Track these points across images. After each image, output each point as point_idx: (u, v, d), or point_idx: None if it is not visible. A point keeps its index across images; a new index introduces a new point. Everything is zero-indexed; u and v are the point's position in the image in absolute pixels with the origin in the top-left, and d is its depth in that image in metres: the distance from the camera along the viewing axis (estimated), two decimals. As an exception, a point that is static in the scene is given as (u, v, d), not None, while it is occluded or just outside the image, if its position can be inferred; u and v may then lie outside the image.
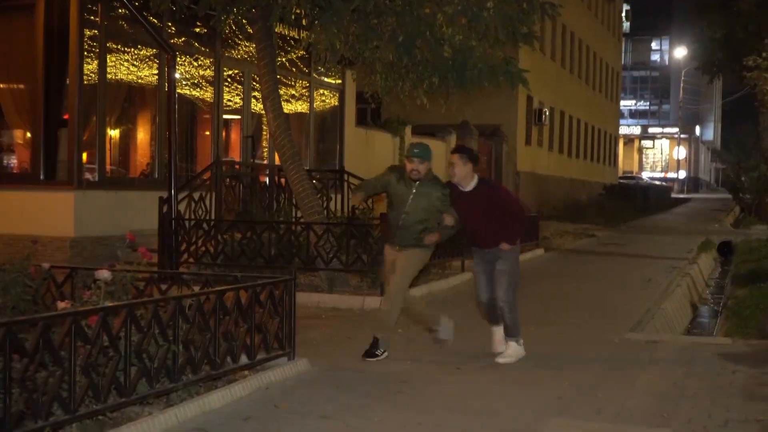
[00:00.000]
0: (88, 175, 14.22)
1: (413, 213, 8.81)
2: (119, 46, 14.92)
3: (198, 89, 16.91)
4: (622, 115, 75.68)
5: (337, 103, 21.70)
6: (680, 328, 14.32)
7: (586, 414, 7.03)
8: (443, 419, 6.81)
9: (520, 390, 7.82)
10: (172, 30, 15.78)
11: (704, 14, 41.11)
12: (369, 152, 22.92)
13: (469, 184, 9.04)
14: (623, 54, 69.60)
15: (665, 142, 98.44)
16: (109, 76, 14.57)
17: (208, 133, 17.44)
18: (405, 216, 8.83)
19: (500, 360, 8.91)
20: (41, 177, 14.14)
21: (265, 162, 18.63)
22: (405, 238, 8.88)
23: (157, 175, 15.57)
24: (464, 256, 16.12)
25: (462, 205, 8.99)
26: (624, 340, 10.37)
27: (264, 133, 18.58)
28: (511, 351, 9.00)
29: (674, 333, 13.15)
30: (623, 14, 62.48)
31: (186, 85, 16.53)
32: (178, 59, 15.45)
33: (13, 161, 15.38)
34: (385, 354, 8.90)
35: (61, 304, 6.62)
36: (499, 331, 9.26)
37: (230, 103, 17.74)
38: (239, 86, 17.94)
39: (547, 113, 37.15)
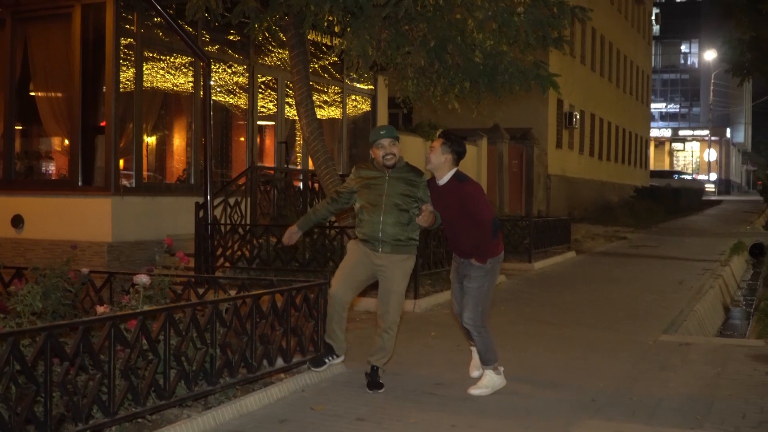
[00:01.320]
0: (125, 181, 14.37)
1: (393, 204, 7.63)
2: (155, 54, 15.08)
3: (232, 96, 17.06)
4: (652, 118, 75.30)
5: (369, 109, 21.79)
6: (712, 330, 14.30)
7: (620, 415, 7.06)
8: (477, 421, 6.86)
9: (553, 392, 7.86)
10: (206, 38, 15.94)
11: (732, 16, 40.87)
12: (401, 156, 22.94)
13: (443, 178, 7.81)
14: (653, 57, 69.22)
15: (696, 145, 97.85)
16: (145, 84, 14.72)
17: (242, 139, 17.57)
18: (385, 209, 7.63)
19: (473, 391, 7.67)
20: (79, 183, 14.30)
21: (299, 167, 18.74)
22: (388, 238, 7.64)
23: (192, 181, 15.72)
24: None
25: (433, 203, 7.76)
26: (657, 342, 10.39)
27: (297, 138, 18.70)
28: (486, 381, 7.79)
29: (707, 335, 13.15)
30: (652, 17, 62.17)
31: (221, 92, 16.68)
32: (213, 66, 15.59)
33: (51, 168, 15.58)
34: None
35: (100, 309, 6.70)
36: (476, 353, 8.19)
37: (264, 110, 17.86)
38: (273, 93, 18.07)
39: (578, 116, 37.04)
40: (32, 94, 15.31)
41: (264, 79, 17.80)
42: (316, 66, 18.97)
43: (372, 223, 7.66)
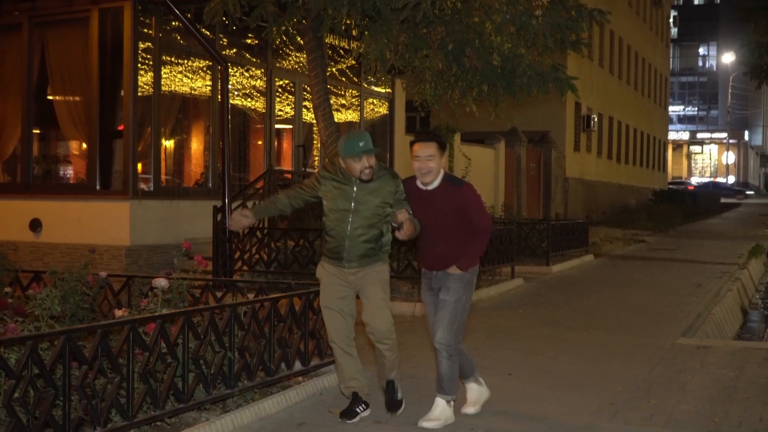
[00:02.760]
0: (143, 185, 14.42)
1: (362, 219, 6.81)
2: (173, 58, 15.13)
3: (250, 100, 17.10)
4: (670, 121, 75.18)
5: (386, 112, 21.80)
6: (731, 333, 14.24)
7: (638, 419, 7.05)
8: (494, 424, 6.87)
9: (571, 395, 7.84)
10: (224, 42, 15.98)
11: (750, 19, 40.79)
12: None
13: (434, 182, 6.84)
14: (671, 59, 69.09)
15: (714, 148, 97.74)
16: (163, 88, 14.78)
17: (260, 142, 17.61)
18: (353, 221, 6.81)
19: (425, 424, 6.74)
20: (97, 187, 14.36)
21: (317, 170, 18.75)
22: (357, 253, 6.84)
23: (210, 185, 15.76)
24: (514, 261, 16.21)
25: (416, 209, 6.87)
26: (675, 345, 10.36)
27: (315, 142, 18.73)
28: (438, 412, 6.82)
29: (725, 338, 13.09)
30: (671, 20, 62.05)
31: (238, 95, 16.72)
32: (231, 70, 15.62)
33: (69, 172, 15.65)
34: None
35: (118, 312, 6.73)
36: (472, 390, 7.29)
37: (282, 113, 17.90)
38: (290, 96, 18.10)
39: (596, 119, 36.99)
40: (50, 98, 15.38)
41: (281, 82, 17.83)
42: (334, 69, 18.98)
43: (338, 233, 6.84)
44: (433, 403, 6.86)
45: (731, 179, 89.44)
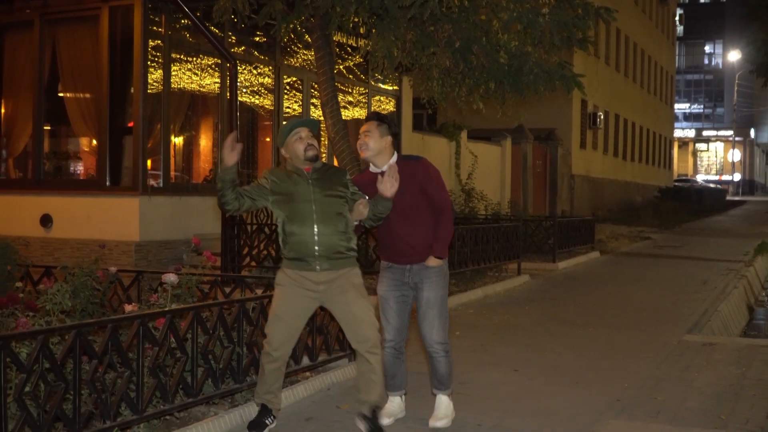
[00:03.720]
0: (152, 181, 14.45)
1: (325, 210, 6.26)
2: (182, 56, 15.17)
3: (258, 97, 17.15)
4: (676, 119, 75.11)
5: (393, 109, 21.82)
6: (737, 330, 14.27)
7: (644, 415, 7.09)
8: (501, 420, 6.91)
9: (578, 391, 7.89)
10: (233, 39, 16.02)
11: (757, 17, 40.72)
12: (425, 157, 23.00)
13: (385, 164, 6.57)
14: (677, 57, 68.99)
15: (720, 145, 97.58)
16: (172, 85, 14.79)
17: (268, 139, 17.65)
18: (317, 218, 6.25)
19: (436, 424, 6.64)
20: (107, 183, 14.40)
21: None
22: (326, 252, 6.26)
23: (219, 181, 15.77)
24: (520, 258, 16.27)
25: (370, 191, 6.48)
26: (681, 342, 10.40)
27: (323, 139, 18.76)
28: (444, 409, 6.72)
29: (731, 335, 13.13)
30: (676, 18, 61.98)
31: (247, 92, 16.76)
32: (239, 68, 15.67)
33: (79, 168, 15.70)
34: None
35: (128, 307, 6.76)
36: (396, 402, 6.90)
37: (290, 110, 17.93)
38: (298, 93, 18.14)
39: (602, 116, 36.99)
40: (60, 94, 15.43)
41: (289, 80, 17.87)
42: (341, 67, 19.03)
43: (303, 237, 6.23)
44: (436, 401, 6.74)
45: (737, 177, 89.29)
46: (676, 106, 74.01)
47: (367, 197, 6.45)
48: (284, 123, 5.97)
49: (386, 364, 6.57)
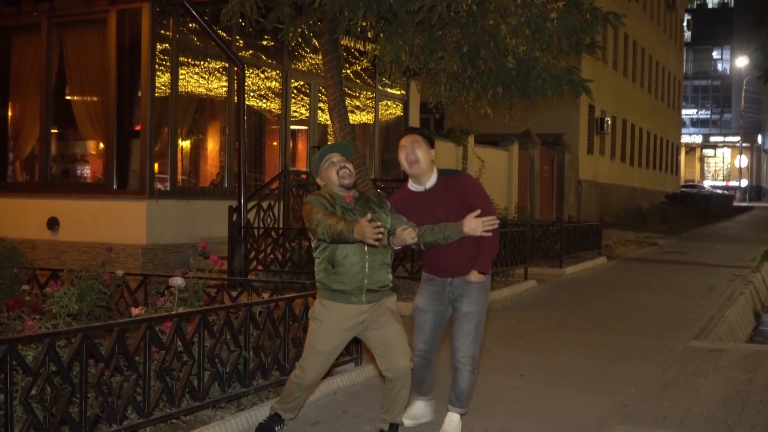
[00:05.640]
0: (159, 185, 14.48)
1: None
2: (190, 59, 15.19)
3: (266, 101, 17.17)
4: (683, 124, 75.07)
5: (401, 114, 21.84)
6: (743, 336, 14.25)
7: (651, 421, 7.08)
8: (508, 425, 6.90)
9: (584, 396, 7.88)
10: (240, 43, 16.05)
11: (764, 23, 40.75)
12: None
13: (429, 181, 6.39)
14: (684, 63, 68.98)
15: (727, 151, 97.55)
16: (180, 88, 14.83)
17: (275, 143, 17.67)
18: (369, 248, 5.94)
19: None
20: (114, 186, 14.44)
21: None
22: (375, 285, 6.03)
23: (226, 185, 15.83)
24: (527, 263, 16.25)
25: (413, 212, 6.34)
26: (688, 347, 10.37)
27: (330, 143, 18.78)
28: (454, 429, 6.50)
29: (737, 341, 13.10)
30: (684, 23, 61.97)
31: (254, 96, 16.78)
32: (247, 71, 15.69)
33: (86, 171, 15.72)
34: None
35: (135, 311, 6.77)
36: (419, 406, 6.87)
37: (297, 114, 17.96)
38: (306, 97, 18.16)
39: (609, 122, 36.97)
40: (68, 98, 15.47)
41: (297, 84, 17.89)
42: (349, 71, 19.05)
43: (354, 269, 5.95)
44: (447, 417, 6.54)
45: (744, 182, 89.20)
46: (684, 111, 74.03)
47: (406, 219, 6.23)
48: (315, 152, 5.69)
49: (415, 371, 6.38)
